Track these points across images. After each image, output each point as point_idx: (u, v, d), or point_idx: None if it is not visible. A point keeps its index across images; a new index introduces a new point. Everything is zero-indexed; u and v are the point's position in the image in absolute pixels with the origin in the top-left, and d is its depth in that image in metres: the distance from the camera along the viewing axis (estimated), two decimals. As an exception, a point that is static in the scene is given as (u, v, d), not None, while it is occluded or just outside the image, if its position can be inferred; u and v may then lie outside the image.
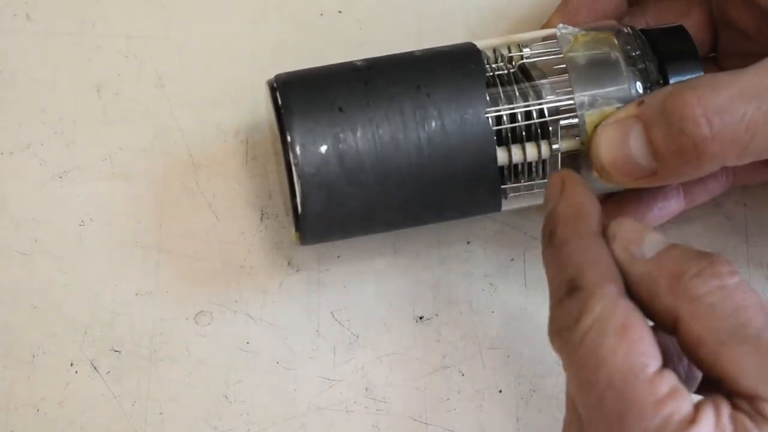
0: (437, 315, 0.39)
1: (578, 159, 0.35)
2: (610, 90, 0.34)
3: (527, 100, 0.35)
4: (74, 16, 0.42)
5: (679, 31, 0.36)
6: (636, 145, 0.32)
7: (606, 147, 0.33)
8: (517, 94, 0.35)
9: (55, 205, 0.40)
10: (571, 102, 0.34)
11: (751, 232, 0.41)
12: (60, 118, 0.41)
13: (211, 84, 0.42)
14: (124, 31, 0.42)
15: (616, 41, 0.35)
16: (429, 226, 0.38)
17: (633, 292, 0.31)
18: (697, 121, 0.30)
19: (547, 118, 0.34)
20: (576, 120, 0.34)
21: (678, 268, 0.29)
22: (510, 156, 0.35)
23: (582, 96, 0.34)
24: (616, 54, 0.35)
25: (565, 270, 0.30)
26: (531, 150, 0.35)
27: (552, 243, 0.31)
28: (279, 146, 0.34)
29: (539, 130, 0.35)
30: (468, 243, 0.40)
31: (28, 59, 0.42)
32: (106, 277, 0.39)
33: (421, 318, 0.39)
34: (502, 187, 0.35)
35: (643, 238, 0.31)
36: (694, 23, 0.38)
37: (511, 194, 0.36)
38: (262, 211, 0.40)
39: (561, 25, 0.36)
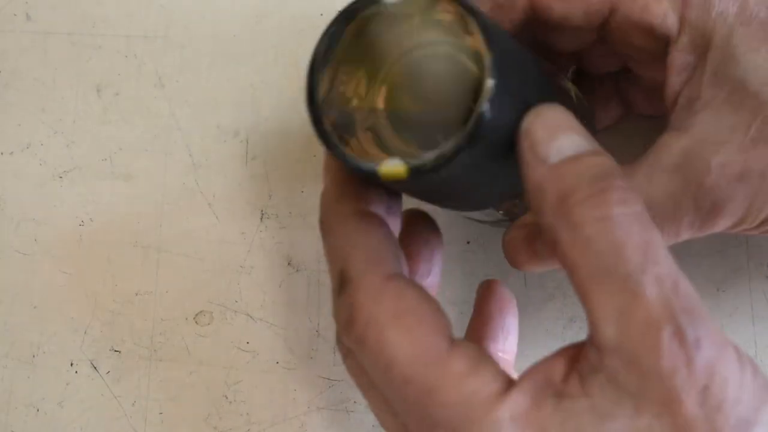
0: (437, 315, 0.39)
1: None
2: None
3: None
4: (74, 16, 0.42)
5: None
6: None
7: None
8: None
9: (55, 205, 0.40)
10: None
11: (751, 232, 0.41)
12: (60, 118, 0.41)
13: (211, 84, 0.42)
14: (124, 31, 0.42)
15: None
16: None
17: (529, 200, 0.27)
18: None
19: None
20: None
21: (569, 186, 0.26)
22: None
23: None
24: None
25: (335, 260, 0.28)
26: None
27: (321, 230, 0.28)
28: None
29: None
30: (468, 243, 0.40)
31: (28, 59, 0.42)
32: (106, 277, 0.39)
33: (421, 318, 0.39)
34: None
35: (553, 137, 0.27)
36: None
37: None
38: (262, 211, 0.40)
39: None
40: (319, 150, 0.41)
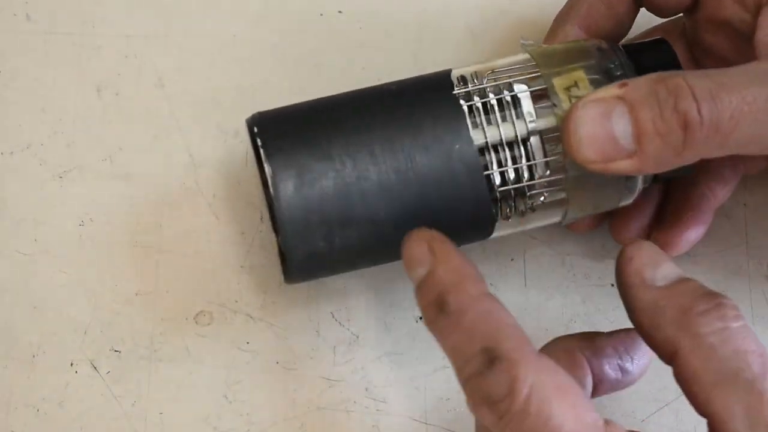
0: (437, 315, 0.39)
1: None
2: (580, 64, 0.33)
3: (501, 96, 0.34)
4: (74, 16, 0.42)
5: (660, 44, 0.35)
6: (619, 123, 0.31)
7: (586, 121, 0.31)
8: (490, 93, 0.34)
9: (55, 205, 0.40)
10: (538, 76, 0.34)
11: (751, 232, 0.41)
12: (60, 118, 0.41)
13: (211, 84, 0.42)
14: (124, 31, 0.42)
15: (591, 50, 0.34)
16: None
17: (636, 318, 0.31)
18: (690, 103, 0.30)
19: (516, 92, 0.33)
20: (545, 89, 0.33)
21: (686, 303, 0.30)
22: (488, 142, 0.33)
23: (550, 70, 0.33)
24: (591, 61, 0.34)
25: (472, 340, 0.29)
26: (507, 129, 0.33)
27: (446, 312, 0.30)
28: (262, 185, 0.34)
29: (513, 113, 0.34)
30: (468, 243, 0.40)
31: (28, 59, 0.42)
32: (106, 277, 0.39)
33: (421, 318, 0.39)
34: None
35: (658, 265, 0.31)
36: None
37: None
38: (261, 211, 0.40)
39: (523, 38, 0.35)
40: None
